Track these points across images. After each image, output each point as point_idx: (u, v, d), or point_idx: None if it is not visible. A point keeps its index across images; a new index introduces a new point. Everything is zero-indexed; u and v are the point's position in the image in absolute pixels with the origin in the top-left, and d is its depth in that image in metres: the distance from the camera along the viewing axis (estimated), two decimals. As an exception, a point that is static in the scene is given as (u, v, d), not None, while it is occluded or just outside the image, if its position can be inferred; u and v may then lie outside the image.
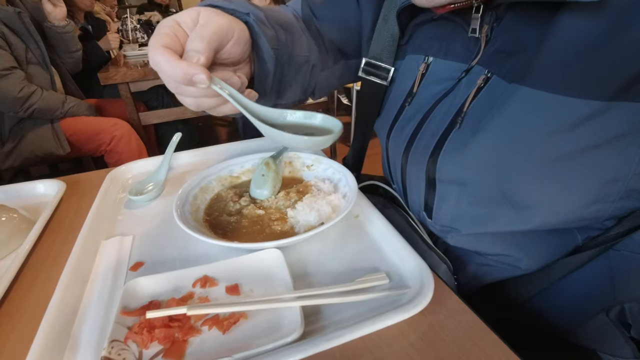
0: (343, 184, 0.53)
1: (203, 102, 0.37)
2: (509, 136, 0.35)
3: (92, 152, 1.61)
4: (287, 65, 0.49)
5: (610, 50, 0.29)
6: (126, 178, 0.66)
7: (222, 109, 0.39)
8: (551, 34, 0.31)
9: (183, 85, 0.34)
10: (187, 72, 0.32)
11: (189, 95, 0.36)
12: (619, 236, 0.39)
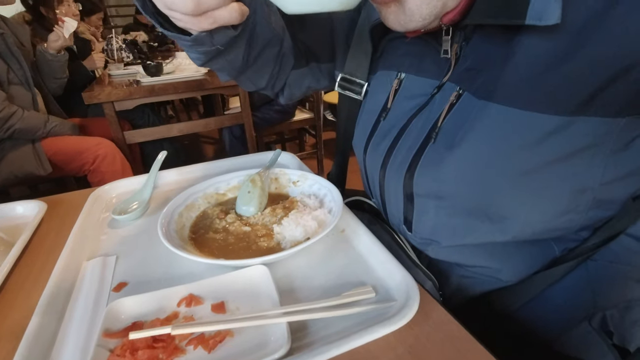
0: (329, 199, 0.53)
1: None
2: (482, 150, 0.37)
3: (74, 172, 1.58)
4: (261, 27, 0.48)
5: (567, 69, 0.31)
6: (110, 197, 0.65)
7: (221, 14, 0.35)
8: (514, 53, 0.33)
9: None
10: None
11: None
12: (596, 247, 0.40)
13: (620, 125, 0.31)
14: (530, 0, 0.29)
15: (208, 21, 0.35)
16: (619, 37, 0.28)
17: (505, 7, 0.31)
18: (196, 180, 0.63)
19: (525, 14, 0.29)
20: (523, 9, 0.29)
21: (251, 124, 1.87)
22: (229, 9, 0.35)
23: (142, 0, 0.38)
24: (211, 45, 0.41)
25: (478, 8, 0.34)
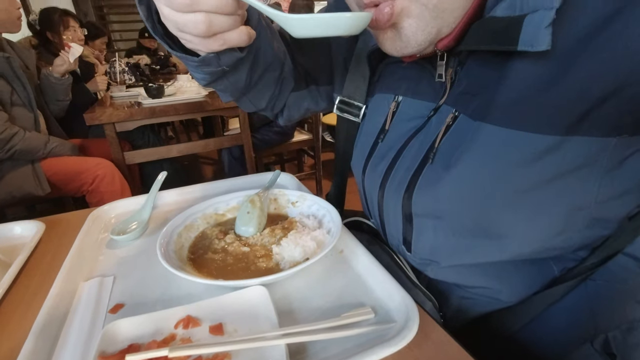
0: (327, 220, 0.53)
1: (216, 19, 0.34)
2: (478, 170, 0.37)
3: (73, 193, 1.58)
4: (264, 50, 0.50)
5: (557, 91, 0.32)
6: (109, 217, 0.65)
7: (230, 36, 0.36)
8: (507, 77, 0.35)
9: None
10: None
11: (205, 7, 0.33)
12: (594, 266, 0.41)
13: (612, 144, 0.32)
14: (522, 28, 0.30)
15: (218, 43, 0.37)
16: (606, 61, 0.29)
17: (498, 34, 0.32)
18: (195, 201, 0.64)
19: (518, 41, 0.31)
20: (515, 36, 0.31)
21: (250, 145, 1.89)
22: (238, 32, 0.37)
23: (153, 23, 0.40)
24: (217, 66, 0.42)
25: (472, 35, 0.36)
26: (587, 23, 0.29)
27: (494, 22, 0.33)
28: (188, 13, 0.33)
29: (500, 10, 0.32)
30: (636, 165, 0.34)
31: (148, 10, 0.40)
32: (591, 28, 0.29)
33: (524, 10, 0.30)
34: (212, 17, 0.33)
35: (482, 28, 0.34)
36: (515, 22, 0.30)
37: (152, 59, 3.00)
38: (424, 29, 0.36)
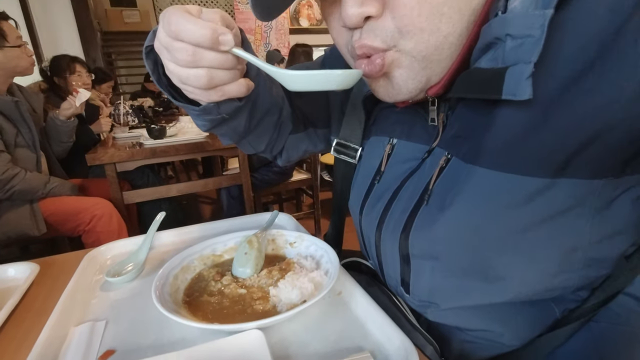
0: (325, 261, 0.53)
1: (217, 74, 0.36)
2: (472, 212, 0.38)
3: (69, 233, 1.57)
4: (263, 97, 0.52)
5: (540, 137, 0.33)
6: (105, 259, 0.65)
7: (230, 88, 0.39)
8: (494, 122, 0.36)
9: (205, 47, 0.34)
10: (215, 30, 0.33)
11: (206, 63, 0.35)
12: (596, 307, 0.40)
13: (599, 186, 0.33)
14: (504, 79, 0.32)
15: (218, 94, 0.39)
16: (584, 110, 0.31)
17: (484, 84, 0.34)
18: (193, 241, 0.63)
19: (502, 90, 0.32)
20: (499, 86, 0.32)
21: (249, 184, 1.91)
22: (237, 84, 0.39)
23: (158, 75, 0.42)
24: (217, 114, 0.45)
25: (459, 83, 0.38)
26: (564, 74, 0.31)
27: (479, 72, 0.35)
28: (191, 68, 0.35)
29: (485, 62, 0.34)
30: (625, 206, 0.34)
31: (154, 64, 0.43)
32: (569, 79, 0.31)
33: (505, 63, 0.32)
34: (212, 72, 0.36)
35: (469, 78, 0.36)
36: (499, 74, 0.32)
37: (155, 102, 3.10)
38: (414, 78, 0.38)
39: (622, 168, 0.32)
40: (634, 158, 0.31)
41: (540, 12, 0.29)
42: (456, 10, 0.34)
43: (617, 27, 0.28)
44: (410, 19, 0.34)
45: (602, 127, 0.30)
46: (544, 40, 0.29)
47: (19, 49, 1.47)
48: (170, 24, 0.34)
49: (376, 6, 0.34)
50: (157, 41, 0.37)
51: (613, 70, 0.29)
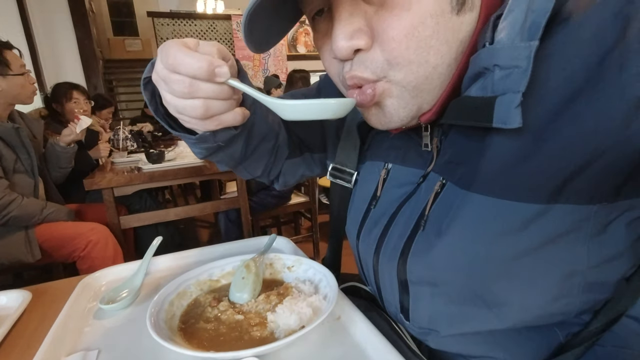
0: (324, 285, 0.52)
1: (213, 104, 0.37)
2: (468, 237, 0.38)
3: (63, 259, 1.54)
4: (259, 124, 0.52)
5: (533, 163, 0.33)
6: (99, 285, 0.63)
7: (226, 117, 0.40)
8: (487, 148, 0.37)
9: (202, 79, 0.35)
10: (212, 63, 0.34)
11: (202, 94, 0.36)
12: (599, 331, 0.39)
13: (593, 211, 0.33)
14: (494, 108, 0.33)
15: (214, 123, 0.40)
16: (574, 136, 0.31)
17: (474, 112, 0.35)
18: (190, 266, 0.63)
19: (492, 118, 0.33)
20: (490, 114, 0.33)
21: (247, 208, 1.90)
22: (233, 113, 0.40)
23: (155, 105, 0.43)
24: (213, 143, 0.45)
25: (451, 110, 0.39)
26: (554, 102, 0.32)
27: (469, 100, 0.36)
28: (187, 99, 0.36)
29: (474, 91, 0.35)
30: (620, 230, 0.34)
31: (152, 94, 0.44)
32: (558, 106, 0.31)
33: (495, 92, 0.33)
34: (209, 103, 0.37)
35: (460, 105, 0.37)
36: (489, 102, 0.33)
37: (154, 126, 3.13)
38: (405, 107, 0.39)
39: (615, 193, 0.32)
40: (626, 183, 0.31)
41: (526, 44, 0.30)
42: (443, 42, 0.35)
43: (602, 55, 0.29)
44: (399, 51, 0.35)
45: (592, 154, 0.31)
46: (531, 70, 0.30)
47: (22, 77, 1.50)
48: (168, 57, 0.35)
49: (365, 39, 0.36)
50: (155, 73, 0.38)
51: (600, 97, 0.30)
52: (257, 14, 0.36)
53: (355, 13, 0.36)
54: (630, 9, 0.27)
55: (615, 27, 0.28)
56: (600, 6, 0.29)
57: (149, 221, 1.76)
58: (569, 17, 0.31)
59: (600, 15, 0.29)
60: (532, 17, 0.31)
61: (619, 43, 0.28)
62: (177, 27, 7.09)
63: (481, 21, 0.37)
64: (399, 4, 0.34)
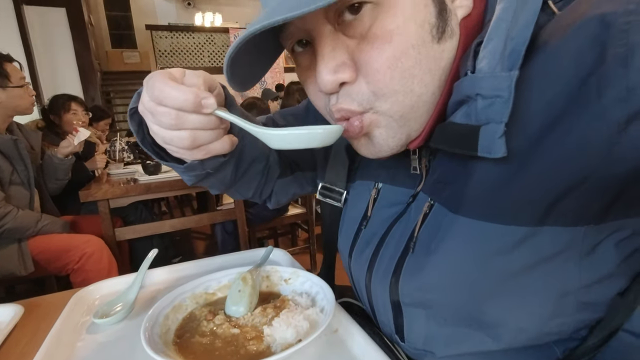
0: (321, 297, 0.52)
1: (200, 135, 0.38)
2: (457, 259, 0.38)
3: (57, 271, 1.52)
4: (249, 147, 0.52)
5: (518, 187, 0.33)
6: (93, 299, 0.63)
7: (214, 146, 0.40)
8: (472, 172, 0.37)
9: (188, 111, 0.35)
10: (197, 95, 0.34)
11: (189, 126, 0.36)
12: (597, 346, 0.39)
13: (581, 232, 0.33)
14: (479, 137, 0.33)
15: (201, 153, 0.40)
16: (558, 160, 0.31)
17: (460, 139, 0.35)
18: (186, 279, 0.62)
19: (477, 147, 0.33)
20: (475, 143, 0.33)
21: (244, 220, 1.89)
22: (221, 142, 0.40)
23: (142, 135, 0.44)
24: (202, 170, 0.45)
25: (437, 135, 0.39)
26: (536, 127, 0.32)
27: (455, 127, 0.36)
28: (174, 130, 0.37)
29: (459, 117, 0.35)
30: (609, 250, 0.34)
31: (138, 125, 0.44)
32: (540, 131, 0.32)
33: (479, 120, 0.33)
34: (196, 133, 0.37)
35: (445, 130, 0.37)
36: (474, 131, 0.33)
37: (152, 138, 3.13)
38: (394, 136, 0.39)
39: (602, 215, 0.32)
40: (612, 205, 0.31)
41: (506, 74, 0.31)
42: (426, 71, 0.36)
43: (581, 80, 0.29)
44: (384, 83, 0.35)
45: (577, 177, 0.31)
46: (512, 100, 0.30)
47: (21, 89, 1.50)
48: (154, 90, 0.35)
49: (349, 73, 0.36)
50: (142, 105, 0.38)
51: (581, 121, 0.30)
52: (240, 55, 0.36)
53: (337, 47, 0.36)
54: (606, 35, 0.28)
55: (592, 53, 0.28)
56: (577, 32, 0.29)
57: (144, 233, 1.74)
58: (547, 43, 0.32)
59: (577, 42, 0.29)
60: (512, 45, 0.31)
61: (596, 68, 0.28)
62: (175, 40, 7.17)
63: (461, 47, 0.37)
64: (380, 36, 0.34)
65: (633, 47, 0.27)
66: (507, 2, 0.33)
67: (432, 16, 0.35)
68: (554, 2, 0.35)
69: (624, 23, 0.27)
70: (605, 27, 0.28)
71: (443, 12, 0.35)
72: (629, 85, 0.27)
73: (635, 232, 0.33)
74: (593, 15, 0.29)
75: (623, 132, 0.28)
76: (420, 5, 0.34)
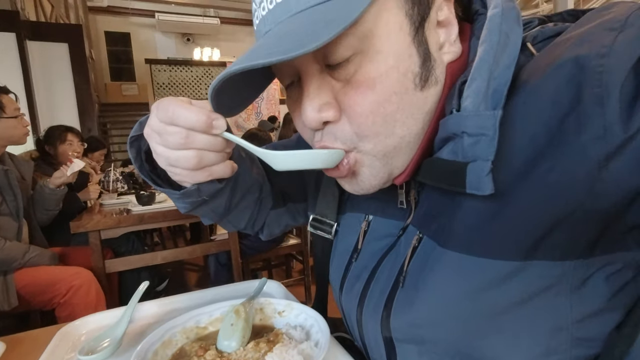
0: (315, 330, 0.51)
1: (206, 155, 0.38)
2: (447, 294, 0.37)
3: (42, 305, 1.47)
4: (243, 177, 0.53)
5: (504, 222, 0.34)
6: (79, 334, 0.60)
7: (217, 169, 0.41)
8: (459, 207, 0.37)
9: (199, 132, 0.36)
10: (209, 116, 0.36)
11: (198, 145, 0.37)
12: None
13: (570, 267, 0.33)
14: (466, 174, 0.33)
15: (204, 174, 0.41)
16: (543, 195, 0.32)
17: (448, 176, 0.35)
18: (177, 312, 0.60)
19: (465, 184, 0.33)
20: (462, 180, 0.34)
21: (238, 251, 1.86)
22: (224, 165, 0.41)
23: (140, 162, 0.45)
24: (198, 197, 0.46)
25: (424, 170, 0.39)
26: (519, 163, 0.33)
27: (442, 163, 0.36)
28: (181, 150, 0.38)
29: (446, 153, 0.36)
30: (599, 284, 0.34)
31: (137, 152, 0.45)
32: (524, 167, 0.33)
33: (465, 158, 0.34)
34: (202, 154, 0.38)
35: (432, 166, 0.38)
36: (461, 169, 0.34)
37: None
38: (376, 175, 0.40)
39: (590, 250, 0.32)
40: (599, 240, 0.32)
41: (490, 113, 0.32)
42: (409, 116, 0.37)
43: (560, 118, 0.30)
44: (366, 125, 0.36)
45: (562, 212, 0.31)
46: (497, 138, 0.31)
47: (14, 119, 1.52)
48: (167, 111, 0.37)
49: (333, 112, 0.37)
50: (148, 127, 0.39)
51: (563, 158, 0.31)
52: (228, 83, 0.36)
53: (323, 87, 0.37)
54: (581, 76, 0.29)
55: (569, 93, 0.30)
56: (554, 73, 0.31)
57: (135, 265, 1.71)
58: (527, 82, 0.33)
59: (555, 82, 0.31)
60: (494, 85, 0.32)
61: (574, 108, 0.30)
62: (174, 73, 7.36)
63: (447, 89, 0.38)
64: (363, 82, 0.35)
65: (608, 88, 0.28)
66: (489, 45, 0.34)
67: (415, 66, 0.36)
68: (532, 43, 0.37)
69: (597, 65, 0.29)
70: (580, 69, 0.29)
71: (427, 61, 0.36)
72: (606, 124, 0.28)
73: (625, 266, 0.33)
74: (568, 58, 0.30)
75: (604, 169, 0.29)
76: (404, 56, 0.35)
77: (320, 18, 0.32)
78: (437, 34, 0.37)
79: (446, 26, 0.38)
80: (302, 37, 0.30)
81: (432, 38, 0.37)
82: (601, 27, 0.31)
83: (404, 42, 0.35)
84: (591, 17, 0.33)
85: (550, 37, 0.36)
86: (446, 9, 0.37)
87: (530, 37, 0.38)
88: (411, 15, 0.35)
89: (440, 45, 0.38)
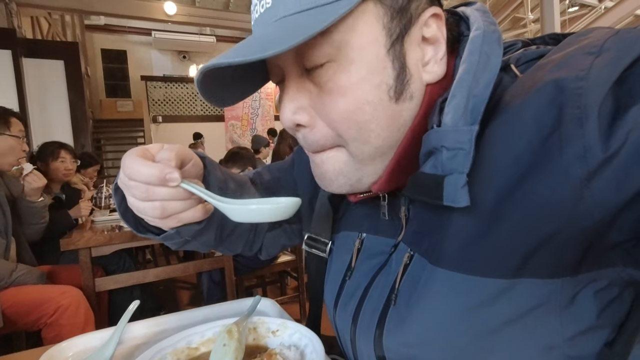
0: (310, 351, 0.49)
1: (170, 205, 0.39)
2: (439, 312, 0.37)
3: (28, 327, 1.42)
4: None
5: (489, 241, 0.34)
6: (65, 357, 0.58)
7: (185, 215, 0.41)
8: (447, 224, 0.37)
9: (155, 186, 0.37)
10: (162, 170, 0.36)
11: (158, 197, 0.38)
12: None
13: (559, 284, 0.33)
14: (444, 187, 0.34)
15: (173, 221, 0.42)
16: (528, 214, 0.32)
17: (428, 189, 0.36)
18: (168, 333, 0.58)
19: (442, 197, 0.34)
20: (440, 192, 0.34)
21: (232, 268, 1.83)
22: (192, 211, 0.42)
23: (124, 208, 0.46)
24: (179, 238, 0.47)
25: (409, 185, 0.39)
26: (502, 182, 0.33)
27: (424, 177, 0.37)
28: (146, 201, 0.39)
29: (429, 168, 0.36)
30: (588, 302, 0.34)
31: (122, 198, 0.46)
32: (508, 186, 0.33)
33: (444, 171, 0.34)
34: (165, 204, 0.39)
35: (416, 180, 0.38)
36: (439, 181, 0.34)
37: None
38: (345, 175, 0.41)
39: (577, 267, 0.33)
40: (585, 257, 0.32)
41: (467, 128, 0.33)
42: (384, 128, 0.37)
43: (543, 138, 0.31)
44: (342, 130, 0.38)
45: (548, 231, 0.32)
46: (474, 153, 0.32)
47: (15, 139, 1.54)
48: (125, 167, 0.38)
49: (307, 118, 0.38)
50: (119, 180, 0.41)
51: (547, 178, 0.31)
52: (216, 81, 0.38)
53: (300, 90, 0.38)
54: (562, 98, 0.30)
55: (550, 114, 0.31)
56: (536, 95, 0.32)
57: (126, 283, 1.67)
58: (510, 103, 0.34)
59: (536, 103, 0.32)
60: (473, 102, 0.34)
61: (556, 128, 0.30)
62: (169, 90, 7.41)
63: (424, 106, 0.39)
64: (335, 90, 0.36)
65: (587, 109, 0.29)
66: (469, 64, 0.35)
67: (390, 78, 0.36)
68: (516, 65, 0.38)
69: (576, 87, 0.30)
70: (560, 91, 0.30)
71: (402, 75, 0.37)
72: (586, 144, 0.29)
73: (611, 283, 0.34)
74: (549, 80, 0.31)
75: (586, 188, 0.29)
76: (378, 67, 0.36)
77: (297, 25, 0.33)
78: (422, 50, 0.38)
79: (433, 44, 0.38)
80: (270, 42, 0.31)
81: (413, 53, 0.37)
82: (580, 51, 0.32)
83: (378, 54, 0.35)
84: (571, 42, 0.35)
85: (532, 60, 0.38)
86: (435, 26, 0.38)
87: (513, 59, 0.39)
88: (389, 28, 0.35)
89: (424, 62, 0.38)
